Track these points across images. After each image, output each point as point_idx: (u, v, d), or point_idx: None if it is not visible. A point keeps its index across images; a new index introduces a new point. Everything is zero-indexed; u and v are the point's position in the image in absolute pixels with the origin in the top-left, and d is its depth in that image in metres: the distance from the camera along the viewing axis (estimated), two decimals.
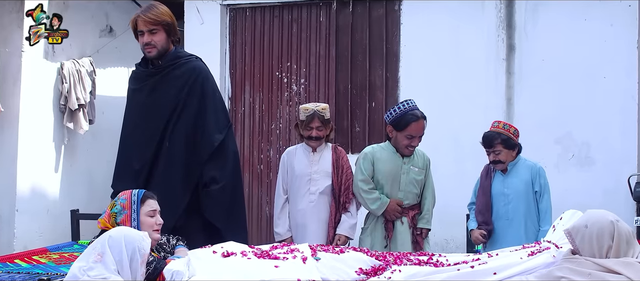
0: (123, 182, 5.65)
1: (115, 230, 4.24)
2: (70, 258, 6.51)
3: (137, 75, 5.91)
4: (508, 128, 6.55)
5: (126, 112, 5.95)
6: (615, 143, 9.00)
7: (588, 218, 4.09)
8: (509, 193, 6.54)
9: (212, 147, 5.63)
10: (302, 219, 6.35)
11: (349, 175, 6.42)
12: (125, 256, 4.06)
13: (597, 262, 3.94)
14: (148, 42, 5.67)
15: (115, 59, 11.55)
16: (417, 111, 6.32)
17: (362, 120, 10.03)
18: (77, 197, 10.67)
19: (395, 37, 9.97)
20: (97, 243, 4.14)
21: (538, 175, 6.51)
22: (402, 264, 4.40)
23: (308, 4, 10.36)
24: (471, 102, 9.45)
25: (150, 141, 5.63)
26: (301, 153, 6.47)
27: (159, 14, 5.67)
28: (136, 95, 5.85)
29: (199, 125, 5.68)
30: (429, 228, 6.39)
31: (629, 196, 8.80)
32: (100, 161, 11.20)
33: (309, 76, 10.34)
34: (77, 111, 10.37)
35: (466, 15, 9.57)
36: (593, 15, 9.11)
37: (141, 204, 4.68)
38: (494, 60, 9.47)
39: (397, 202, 6.34)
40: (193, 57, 5.95)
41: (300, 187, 6.39)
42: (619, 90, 8.98)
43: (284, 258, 4.23)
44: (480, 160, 9.34)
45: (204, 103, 5.71)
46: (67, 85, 10.28)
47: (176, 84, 5.69)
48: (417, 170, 6.37)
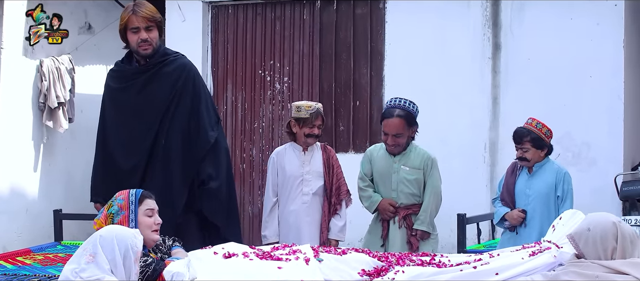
0: (107, 184, 5.54)
1: (106, 229, 4.17)
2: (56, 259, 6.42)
3: (120, 74, 5.81)
4: (541, 128, 6.47)
5: (106, 112, 5.84)
6: (601, 143, 9.00)
7: (590, 221, 4.10)
8: (530, 194, 6.47)
9: (208, 144, 5.60)
10: (295, 221, 6.27)
11: (340, 175, 6.38)
12: (118, 255, 3.99)
13: (603, 264, 3.95)
14: (145, 38, 5.57)
15: (93, 56, 11.43)
16: (394, 109, 6.28)
17: (346, 119, 9.97)
18: (56, 196, 10.54)
19: (380, 36, 9.91)
20: (87, 244, 4.05)
21: (562, 180, 6.45)
22: (404, 265, 4.40)
23: (291, 2, 10.27)
24: (457, 101, 9.41)
25: (142, 140, 5.55)
26: (291, 153, 6.39)
27: (152, 11, 5.63)
28: (121, 94, 5.75)
29: (193, 122, 5.62)
30: (423, 230, 6.28)
31: (616, 195, 8.82)
32: (79, 160, 11.08)
33: (293, 74, 10.25)
34: (57, 109, 10.25)
35: (451, 14, 9.53)
36: (579, 14, 9.10)
37: (139, 204, 4.59)
38: (480, 59, 9.44)
39: (389, 202, 6.30)
40: (179, 54, 5.90)
41: (292, 188, 6.30)
42: (605, 90, 8.97)
43: (287, 259, 4.18)
44: (466, 159, 9.37)
45: (197, 100, 5.66)
46: (47, 82, 10.15)
47: (168, 81, 5.63)
48: (408, 169, 6.29)
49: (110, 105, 5.83)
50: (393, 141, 6.25)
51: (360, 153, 9.79)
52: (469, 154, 9.38)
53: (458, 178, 9.08)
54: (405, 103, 6.32)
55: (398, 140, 6.26)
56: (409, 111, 6.28)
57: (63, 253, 6.72)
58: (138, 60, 5.72)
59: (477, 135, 9.43)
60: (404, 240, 6.26)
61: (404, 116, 6.24)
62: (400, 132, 6.23)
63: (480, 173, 9.42)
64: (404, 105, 6.30)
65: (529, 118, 6.58)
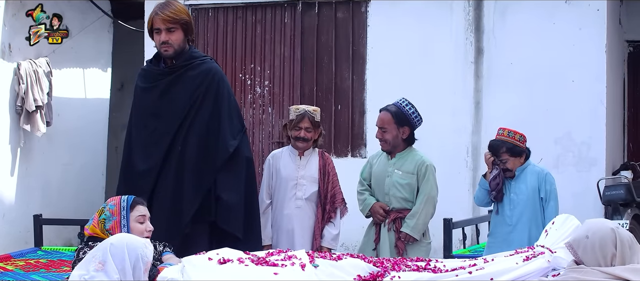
0: (127, 184, 5.42)
1: (117, 237, 4.10)
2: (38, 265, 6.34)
3: (148, 74, 5.65)
4: (513, 135, 6.45)
5: (133, 111, 5.70)
6: (583, 147, 9.02)
7: (588, 228, 4.07)
8: (514, 198, 6.46)
9: (227, 153, 5.42)
10: (288, 224, 6.19)
11: (335, 183, 6.32)
12: (128, 264, 3.93)
13: (604, 271, 3.93)
14: (165, 40, 5.40)
15: (70, 60, 11.36)
16: (390, 105, 6.38)
17: (328, 123, 9.90)
18: (33, 201, 10.42)
19: (362, 39, 9.87)
20: (97, 251, 3.98)
21: (544, 181, 6.45)
22: (400, 270, 4.37)
23: (272, 5, 10.20)
24: (439, 105, 9.38)
25: (159, 142, 5.39)
26: (287, 156, 6.33)
27: (177, 11, 5.41)
28: (145, 94, 5.59)
29: (213, 129, 5.45)
30: (407, 233, 6.23)
31: (598, 200, 8.85)
32: (56, 164, 11.01)
33: (274, 78, 10.18)
34: (35, 113, 10.13)
35: (434, 18, 9.52)
36: (561, 18, 9.13)
37: (131, 210, 4.50)
38: (462, 63, 9.43)
39: (381, 205, 6.28)
40: (208, 57, 5.73)
41: (286, 191, 6.23)
42: (587, 94, 9.00)
43: (283, 265, 4.12)
44: (448, 164, 9.34)
45: (219, 106, 5.49)
46: (25, 86, 10.02)
47: (191, 85, 5.46)
48: (402, 173, 6.26)
49: (136, 104, 5.69)
50: (380, 135, 6.31)
51: (341, 157, 9.77)
52: (451, 159, 9.36)
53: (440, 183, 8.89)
54: (402, 103, 6.39)
55: (384, 135, 6.28)
56: (400, 109, 6.33)
57: (44, 259, 6.65)
58: (165, 61, 5.57)
59: (460, 139, 9.43)
60: (393, 244, 6.23)
61: (393, 112, 6.28)
62: (386, 126, 6.26)
63: (463, 177, 9.41)
64: (400, 104, 6.37)
65: (499, 130, 6.55)
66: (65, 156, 11.18)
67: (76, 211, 10.51)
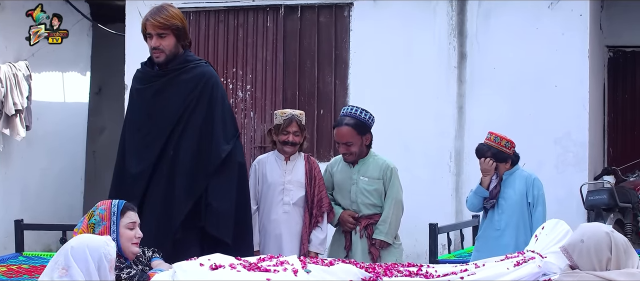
0: (119, 187, 5.36)
1: (76, 239, 4.00)
2: (20, 271, 6.25)
3: (142, 75, 5.57)
4: (499, 141, 6.41)
5: (128, 115, 5.67)
6: (566, 152, 9.04)
7: (583, 232, 4.07)
8: (502, 203, 6.45)
9: (219, 158, 5.35)
10: (276, 229, 6.15)
11: (322, 187, 6.27)
12: (92, 266, 3.83)
13: (600, 275, 3.92)
14: (156, 46, 5.33)
15: (50, 63, 11.27)
16: (345, 118, 6.26)
17: (310, 127, 9.84)
18: (12, 206, 10.31)
19: (345, 43, 9.85)
20: (59, 257, 3.87)
21: (532, 186, 6.44)
22: (392, 275, 4.35)
23: (255, 9, 10.16)
24: (422, 109, 9.40)
25: (152, 146, 5.33)
26: (273, 161, 6.27)
27: (168, 17, 5.32)
28: (139, 96, 5.54)
29: (206, 133, 5.39)
30: (381, 239, 6.21)
31: (581, 205, 8.87)
32: (35, 169, 10.90)
33: (256, 82, 10.15)
34: (14, 116, 10.03)
35: (417, 22, 9.52)
36: (544, 24, 9.17)
37: (121, 216, 4.41)
38: (446, 68, 9.44)
39: (350, 213, 6.27)
40: (203, 61, 5.66)
41: (273, 197, 6.19)
42: (570, 99, 9.04)
43: (275, 270, 4.09)
44: (431, 168, 9.35)
45: (213, 110, 5.43)
46: (4, 89, 9.92)
47: (184, 89, 5.39)
48: (368, 179, 6.24)
49: (131, 106, 5.64)
50: (345, 149, 6.23)
51: (324, 161, 9.67)
52: (434, 163, 9.37)
53: (423, 188, 9.08)
54: (356, 112, 6.27)
55: (350, 149, 6.22)
56: (359, 119, 6.22)
57: (26, 265, 6.56)
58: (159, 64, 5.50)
59: (443, 144, 9.43)
60: (366, 250, 6.21)
61: (353, 124, 6.19)
62: (350, 140, 6.19)
63: (446, 182, 9.42)
64: (354, 114, 6.25)
65: (487, 134, 6.54)
66: (43, 160, 11.08)
67: (54, 216, 10.43)
